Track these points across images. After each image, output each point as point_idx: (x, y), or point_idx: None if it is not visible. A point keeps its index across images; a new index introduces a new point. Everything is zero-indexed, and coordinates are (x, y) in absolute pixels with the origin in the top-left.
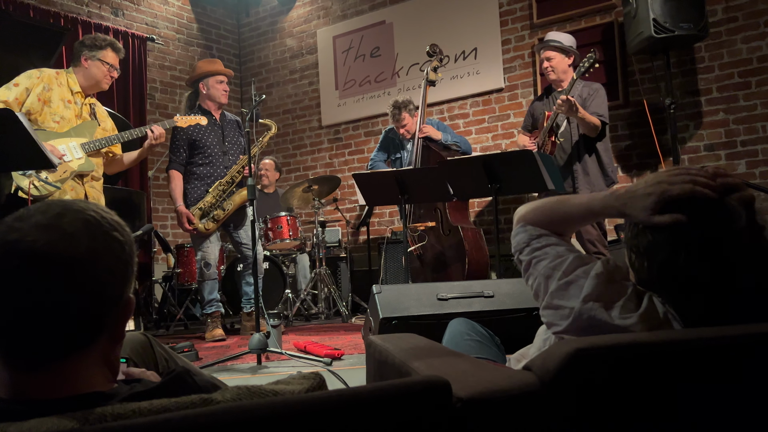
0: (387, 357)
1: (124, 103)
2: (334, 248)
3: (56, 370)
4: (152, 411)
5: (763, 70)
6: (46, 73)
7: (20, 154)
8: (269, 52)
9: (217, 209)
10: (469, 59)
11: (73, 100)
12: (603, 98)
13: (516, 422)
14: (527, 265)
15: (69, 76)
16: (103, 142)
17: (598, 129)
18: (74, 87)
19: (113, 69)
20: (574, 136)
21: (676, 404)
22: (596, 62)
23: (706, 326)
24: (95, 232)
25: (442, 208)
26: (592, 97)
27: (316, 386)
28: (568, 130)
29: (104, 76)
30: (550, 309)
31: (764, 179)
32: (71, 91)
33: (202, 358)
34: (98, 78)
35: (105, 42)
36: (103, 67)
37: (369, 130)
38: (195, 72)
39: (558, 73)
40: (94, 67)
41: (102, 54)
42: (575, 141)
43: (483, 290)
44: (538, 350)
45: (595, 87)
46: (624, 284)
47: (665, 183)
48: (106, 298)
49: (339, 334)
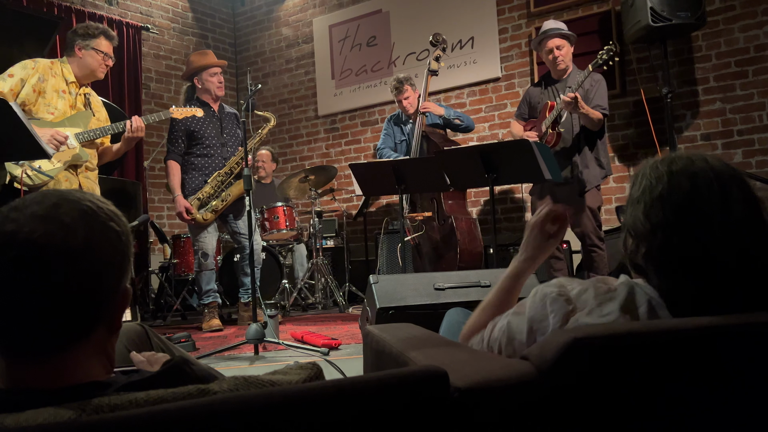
0: (384, 347)
1: (119, 93)
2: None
3: (54, 360)
4: (149, 402)
5: (760, 59)
6: (41, 64)
7: (15, 145)
8: (265, 42)
9: (216, 200)
10: (466, 48)
11: (67, 90)
12: (605, 89)
13: (513, 411)
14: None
15: (63, 65)
16: (98, 133)
17: (601, 123)
18: (69, 77)
19: (108, 57)
20: (575, 127)
21: (672, 392)
22: (615, 55)
23: (696, 312)
24: (92, 222)
25: (438, 198)
26: (595, 88)
27: (314, 376)
28: (569, 120)
29: (99, 65)
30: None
31: (761, 168)
32: (66, 81)
33: (199, 348)
34: (93, 67)
35: (98, 30)
36: (98, 56)
37: (365, 120)
38: (188, 67)
39: (567, 62)
40: (89, 57)
41: (95, 43)
42: (576, 132)
43: (480, 280)
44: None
45: (597, 78)
46: (585, 286)
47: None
48: (104, 289)
49: (336, 324)
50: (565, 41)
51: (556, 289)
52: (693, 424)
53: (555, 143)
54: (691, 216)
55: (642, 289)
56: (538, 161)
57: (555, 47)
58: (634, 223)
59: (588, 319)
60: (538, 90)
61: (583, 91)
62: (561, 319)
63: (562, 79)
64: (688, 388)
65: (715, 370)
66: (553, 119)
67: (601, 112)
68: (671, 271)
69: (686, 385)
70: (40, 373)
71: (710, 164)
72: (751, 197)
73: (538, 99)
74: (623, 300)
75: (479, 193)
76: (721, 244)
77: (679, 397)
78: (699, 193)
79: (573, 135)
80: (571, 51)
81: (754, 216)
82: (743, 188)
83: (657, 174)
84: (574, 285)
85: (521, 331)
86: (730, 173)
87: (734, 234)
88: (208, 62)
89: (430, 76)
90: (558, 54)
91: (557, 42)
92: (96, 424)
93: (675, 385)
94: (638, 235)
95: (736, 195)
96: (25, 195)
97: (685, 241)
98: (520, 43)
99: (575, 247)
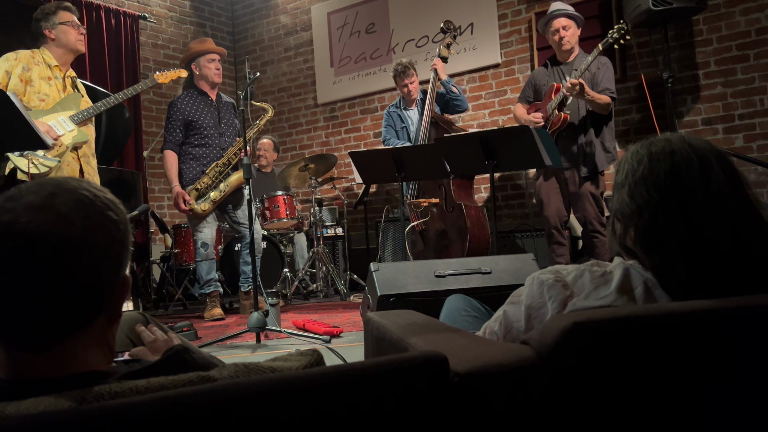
0: (385, 333)
1: (117, 82)
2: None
3: (54, 350)
4: (150, 389)
5: (762, 42)
6: (22, 54)
7: (14, 135)
8: (263, 30)
9: (214, 191)
10: (466, 34)
11: (53, 76)
12: (612, 72)
13: (514, 396)
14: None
15: (43, 53)
16: (91, 111)
17: (609, 107)
18: (51, 62)
19: (78, 26)
20: (581, 110)
21: (672, 376)
22: (627, 33)
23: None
24: (89, 211)
25: (446, 185)
26: (602, 71)
27: (314, 363)
28: (575, 103)
29: (75, 37)
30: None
31: (761, 153)
32: (49, 67)
33: (201, 337)
34: (71, 41)
35: (54, 7)
36: (69, 28)
37: (365, 107)
38: (186, 53)
39: (573, 44)
40: (61, 33)
41: (58, 17)
42: (582, 116)
43: (480, 267)
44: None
45: (603, 61)
46: (580, 271)
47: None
48: (103, 279)
49: (337, 312)
50: (571, 22)
51: (552, 275)
52: (692, 407)
53: (561, 126)
54: (674, 191)
55: (636, 270)
56: (539, 147)
57: (561, 27)
58: (620, 207)
59: (585, 302)
60: (544, 72)
61: (590, 74)
62: (559, 304)
63: (568, 62)
64: (688, 372)
65: (715, 354)
66: (559, 101)
67: (609, 95)
68: (659, 248)
69: (686, 369)
70: (41, 363)
71: (688, 141)
72: (730, 170)
73: (544, 81)
74: (619, 282)
75: (479, 180)
76: (704, 216)
77: (678, 380)
78: (679, 168)
79: (579, 118)
80: (578, 33)
81: (735, 188)
82: (722, 162)
83: (638, 157)
84: (569, 270)
85: (519, 319)
86: (708, 148)
87: (717, 206)
88: (206, 48)
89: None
90: (564, 34)
91: (564, 22)
92: (97, 412)
93: (675, 369)
94: (625, 218)
95: (716, 168)
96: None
97: (671, 216)
98: (519, 29)
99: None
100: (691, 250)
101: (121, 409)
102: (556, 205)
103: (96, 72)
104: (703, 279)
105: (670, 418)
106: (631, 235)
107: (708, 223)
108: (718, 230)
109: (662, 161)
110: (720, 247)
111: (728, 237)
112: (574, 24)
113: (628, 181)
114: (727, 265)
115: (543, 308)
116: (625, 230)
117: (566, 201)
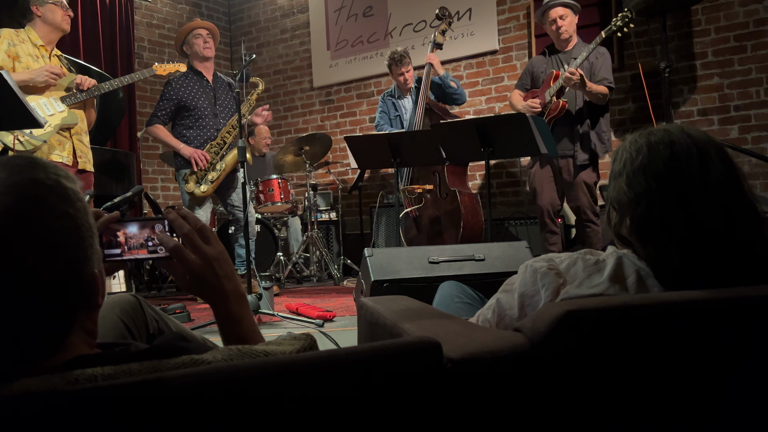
0: (378, 318)
1: (111, 62)
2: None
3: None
4: (143, 371)
5: (760, 34)
6: (5, 31)
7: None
8: (259, 11)
9: (212, 172)
10: (464, 20)
11: (39, 54)
12: (609, 62)
13: (506, 382)
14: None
15: (29, 32)
16: (84, 95)
17: (606, 97)
18: (37, 41)
19: (66, 8)
20: (578, 100)
21: (663, 365)
22: (631, 21)
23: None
24: (30, 214)
25: (440, 172)
26: (600, 61)
27: (307, 347)
28: (572, 92)
29: (61, 16)
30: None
31: (756, 144)
32: (35, 46)
33: (194, 319)
34: (57, 20)
35: None
36: (57, 7)
37: (361, 92)
38: (176, 40)
39: (570, 32)
40: (48, 12)
41: None
42: (579, 106)
43: (474, 254)
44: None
45: (602, 51)
46: (573, 259)
47: None
48: (64, 288)
49: (331, 297)
50: (568, 11)
51: (545, 263)
52: (683, 396)
53: (559, 113)
54: (673, 181)
55: (630, 259)
56: (535, 135)
57: (558, 17)
58: (617, 196)
59: (578, 290)
60: (542, 60)
61: (588, 63)
62: (552, 292)
63: (567, 51)
64: (679, 361)
65: (706, 344)
66: (558, 88)
67: (607, 85)
68: (655, 237)
69: (677, 358)
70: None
71: (687, 132)
72: (728, 161)
73: (542, 69)
74: (612, 270)
75: (474, 166)
76: (703, 206)
77: (669, 369)
78: (678, 158)
79: (576, 107)
80: (575, 21)
81: (733, 179)
82: (721, 153)
83: (636, 146)
84: (562, 258)
85: (512, 306)
86: (707, 140)
87: (715, 196)
88: (192, 25)
89: (435, 50)
90: (561, 24)
91: (560, 11)
92: (90, 391)
93: (666, 358)
94: (622, 207)
95: (714, 159)
96: None
97: (668, 206)
98: (518, 15)
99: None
100: (688, 240)
101: (114, 390)
102: (550, 194)
103: (90, 51)
104: (696, 269)
105: (659, 407)
106: (627, 224)
107: (706, 214)
108: (715, 221)
109: (661, 151)
110: (716, 237)
111: (724, 228)
112: (571, 12)
113: (626, 169)
114: (721, 256)
115: (536, 296)
116: (621, 219)
117: (560, 190)
